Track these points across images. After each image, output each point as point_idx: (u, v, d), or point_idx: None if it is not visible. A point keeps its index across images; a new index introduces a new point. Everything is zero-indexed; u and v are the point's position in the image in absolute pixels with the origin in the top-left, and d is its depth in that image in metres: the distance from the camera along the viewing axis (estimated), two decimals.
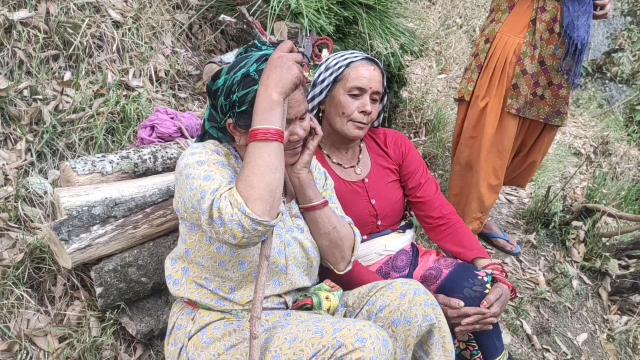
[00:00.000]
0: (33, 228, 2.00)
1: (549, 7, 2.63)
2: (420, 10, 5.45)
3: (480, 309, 1.82)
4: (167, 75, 2.78)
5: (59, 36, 2.45)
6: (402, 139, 2.20)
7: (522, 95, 2.73)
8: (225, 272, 1.54)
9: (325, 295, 1.64)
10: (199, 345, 1.53)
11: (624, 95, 7.64)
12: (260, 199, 1.29)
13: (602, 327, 3.23)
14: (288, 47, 1.44)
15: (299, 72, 1.40)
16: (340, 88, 1.97)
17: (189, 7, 3.12)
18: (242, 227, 1.28)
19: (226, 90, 1.51)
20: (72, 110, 2.31)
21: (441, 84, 4.81)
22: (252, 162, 1.32)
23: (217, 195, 1.33)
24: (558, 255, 3.52)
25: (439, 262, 2.04)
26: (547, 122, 2.82)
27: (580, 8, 2.57)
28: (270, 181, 1.32)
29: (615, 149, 5.82)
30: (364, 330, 1.34)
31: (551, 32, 2.65)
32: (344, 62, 1.97)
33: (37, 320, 1.84)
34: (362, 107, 1.94)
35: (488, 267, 1.98)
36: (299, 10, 2.90)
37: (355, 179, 2.08)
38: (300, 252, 1.66)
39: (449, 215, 2.11)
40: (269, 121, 1.35)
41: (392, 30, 3.20)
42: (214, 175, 1.41)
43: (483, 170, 2.85)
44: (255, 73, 1.48)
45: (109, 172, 1.97)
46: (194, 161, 1.46)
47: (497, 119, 2.77)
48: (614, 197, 4.34)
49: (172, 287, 1.62)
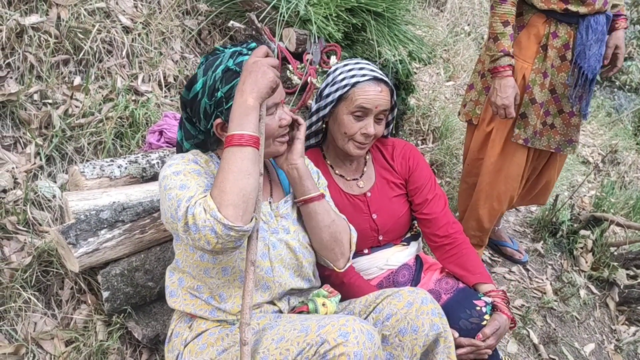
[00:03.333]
0: (41, 231, 2.01)
1: (561, 33, 2.47)
2: (428, 18, 5.45)
3: (474, 342, 1.77)
4: (176, 80, 2.80)
5: (69, 41, 2.47)
6: (412, 152, 2.12)
7: (530, 125, 2.59)
8: (211, 279, 1.54)
9: (322, 302, 1.63)
10: (193, 352, 1.53)
11: (632, 104, 7.61)
12: (233, 205, 1.30)
13: (609, 338, 3.20)
14: (263, 52, 1.44)
15: (274, 76, 1.40)
16: (344, 107, 1.90)
17: (198, 13, 3.13)
18: (215, 232, 1.29)
19: (208, 90, 1.51)
20: (81, 114, 2.32)
21: (449, 91, 4.80)
22: (226, 168, 1.33)
23: (192, 202, 1.34)
24: (565, 264, 3.50)
25: (439, 285, 1.98)
26: (559, 151, 2.69)
27: (594, 36, 2.43)
28: (243, 186, 1.32)
29: (624, 158, 5.79)
30: (347, 324, 1.34)
31: (563, 59, 2.50)
32: (351, 80, 1.89)
33: (44, 324, 1.85)
34: (365, 130, 1.88)
35: (490, 293, 1.91)
36: (307, 17, 2.91)
37: (357, 192, 2.04)
38: (288, 253, 1.64)
39: (455, 235, 2.02)
40: (243, 127, 1.36)
41: (400, 38, 3.20)
42: (189, 184, 1.42)
43: (485, 193, 2.77)
44: (235, 66, 1.49)
45: (117, 177, 1.98)
46: (171, 172, 1.47)
47: (502, 145, 2.66)
48: (622, 207, 4.31)
49: (169, 299, 1.63)
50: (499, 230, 3.33)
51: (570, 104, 2.57)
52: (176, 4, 3.03)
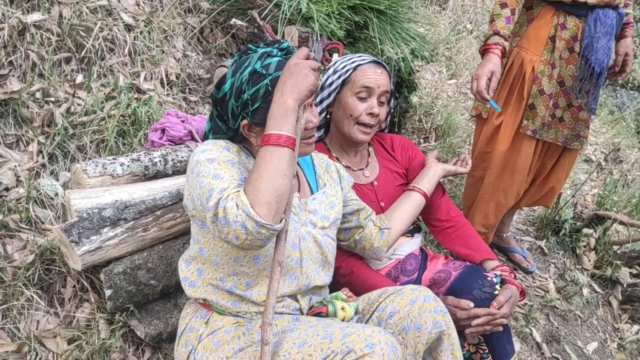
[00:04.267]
0: (44, 230, 2.01)
1: (570, 25, 2.47)
2: (430, 15, 5.44)
3: (490, 310, 1.81)
4: (178, 78, 2.79)
5: (71, 39, 2.47)
6: (409, 144, 2.23)
7: (539, 116, 2.59)
8: (241, 267, 1.54)
9: (341, 306, 1.64)
10: (208, 348, 1.52)
11: (635, 102, 7.58)
12: (267, 203, 1.30)
13: (612, 336, 3.20)
14: (305, 54, 1.44)
15: (315, 79, 1.41)
16: (348, 90, 1.97)
17: (200, 10, 3.13)
18: (245, 229, 1.29)
19: (235, 91, 1.52)
20: (83, 112, 2.32)
21: (451, 89, 4.79)
22: (262, 166, 1.33)
23: (225, 195, 1.34)
24: (568, 262, 3.49)
25: (447, 265, 2.03)
26: (566, 145, 2.69)
27: (602, 29, 2.41)
28: (278, 186, 1.32)
29: (627, 156, 5.76)
30: (374, 336, 1.34)
31: (571, 51, 2.50)
32: (352, 64, 1.99)
33: (47, 322, 1.85)
34: (370, 109, 1.96)
35: (496, 268, 1.98)
36: (309, 14, 2.90)
37: (364, 181, 2.09)
38: (315, 246, 1.65)
39: (457, 218, 2.13)
40: (281, 127, 1.36)
41: (402, 35, 3.19)
42: (223, 174, 1.41)
43: (492, 186, 2.77)
44: (262, 68, 1.49)
45: (119, 175, 1.98)
46: (205, 159, 1.47)
47: (511, 138, 2.66)
48: (625, 205, 4.29)
49: (189, 289, 1.62)
50: (508, 237, 3.29)
51: (576, 97, 2.57)
52: (178, 2, 3.03)
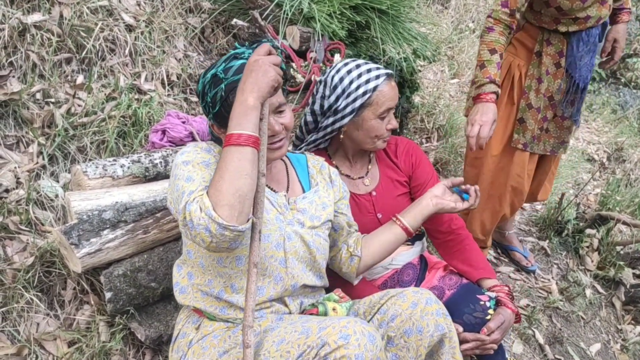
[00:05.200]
0: (44, 231, 2.00)
1: (555, 41, 2.49)
2: (432, 15, 5.42)
3: (479, 336, 1.77)
4: (179, 79, 2.78)
5: (72, 39, 2.46)
6: (414, 149, 2.14)
7: (528, 130, 2.61)
8: (224, 269, 1.53)
9: (333, 306, 1.62)
10: (196, 353, 1.52)
11: (638, 100, 7.55)
12: (228, 204, 1.29)
13: (615, 337, 3.18)
14: (265, 50, 1.42)
15: (275, 75, 1.39)
16: (370, 113, 1.91)
17: (201, 10, 3.12)
18: (209, 231, 1.29)
19: (202, 93, 1.54)
20: (84, 113, 2.31)
21: (453, 88, 4.77)
22: (223, 167, 1.33)
23: (191, 198, 1.34)
24: (571, 263, 3.48)
25: (443, 281, 1.99)
26: (553, 154, 2.75)
27: (585, 48, 2.46)
28: (240, 187, 1.31)
29: (629, 156, 5.74)
30: (348, 326, 1.32)
31: (558, 66, 2.52)
32: (368, 86, 1.88)
33: (47, 324, 1.84)
34: (390, 125, 1.95)
35: (494, 288, 1.92)
36: (311, 14, 2.89)
37: (363, 191, 2.05)
38: (302, 246, 1.63)
39: (458, 231, 2.05)
40: (242, 126, 1.35)
41: (404, 35, 3.18)
42: (195, 176, 1.42)
43: (486, 193, 2.73)
44: (222, 72, 1.49)
45: (120, 176, 1.97)
46: (181, 161, 1.48)
47: (503, 143, 2.65)
48: (628, 204, 4.27)
49: (179, 296, 1.62)
50: (510, 235, 3.27)
51: (563, 110, 2.61)
52: (179, 2, 3.01)
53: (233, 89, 1.45)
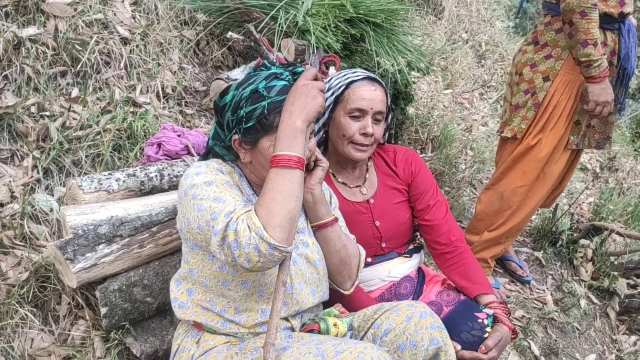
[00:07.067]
0: (38, 246, 1.99)
1: (609, 41, 2.61)
2: (426, 25, 5.45)
3: (477, 355, 1.78)
4: (174, 91, 2.78)
5: (67, 53, 2.46)
6: (414, 158, 2.12)
7: (582, 130, 2.76)
8: (229, 291, 1.52)
9: (334, 322, 1.62)
10: None
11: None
12: (280, 226, 1.30)
13: (610, 348, 3.19)
14: (312, 74, 1.44)
15: (322, 100, 1.41)
16: (340, 109, 1.90)
17: (196, 23, 3.13)
18: (258, 251, 1.29)
19: (234, 105, 1.52)
20: (79, 127, 2.31)
21: (447, 99, 4.80)
22: (274, 189, 1.33)
23: (234, 218, 1.33)
24: (566, 274, 3.49)
25: (441, 297, 1.99)
26: (599, 148, 2.86)
27: (633, 38, 2.61)
28: (291, 209, 1.32)
29: (622, 164, 5.78)
30: (366, 352, 1.32)
31: (610, 65, 2.63)
32: (345, 81, 1.91)
33: (41, 340, 1.83)
34: (364, 129, 1.88)
35: (491, 304, 1.92)
36: (306, 27, 2.90)
37: (360, 199, 2.04)
38: (308, 267, 1.63)
39: (456, 243, 2.04)
40: (292, 148, 1.36)
41: (399, 48, 3.20)
42: (225, 197, 1.40)
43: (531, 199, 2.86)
44: (264, 89, 1.49)
45: (115, 190, 1.96)
46: (201, 182, 1.45)
47: (549, 155, 2.77)
48: (621, 213, 4.30)
49: (178, 311, 1.60)
50: None
51: (617, 104, 2.73)
52: (174, 15, 3.02)
53: (275, 109, 1.46)
